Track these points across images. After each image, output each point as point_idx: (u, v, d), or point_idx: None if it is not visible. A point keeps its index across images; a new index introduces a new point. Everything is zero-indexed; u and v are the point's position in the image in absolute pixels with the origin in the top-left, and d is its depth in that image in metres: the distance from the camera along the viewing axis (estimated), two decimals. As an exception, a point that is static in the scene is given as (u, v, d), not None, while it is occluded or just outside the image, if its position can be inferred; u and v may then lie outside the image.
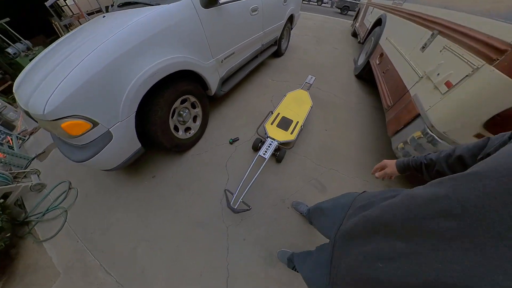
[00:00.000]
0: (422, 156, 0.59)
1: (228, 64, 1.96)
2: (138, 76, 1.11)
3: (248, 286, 1.15)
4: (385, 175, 0.69)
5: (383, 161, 0.72)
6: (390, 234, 0.34)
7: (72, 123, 0.96)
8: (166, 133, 1.43)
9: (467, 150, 0.45)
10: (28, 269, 1.26)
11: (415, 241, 0.29)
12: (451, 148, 0.51)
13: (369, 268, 0.35)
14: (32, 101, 0.96)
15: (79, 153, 1.11)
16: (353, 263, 0.40)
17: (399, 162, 0.65)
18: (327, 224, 0.68)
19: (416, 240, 0.29)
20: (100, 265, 1.24)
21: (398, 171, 0.65)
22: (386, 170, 0.68)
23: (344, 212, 0.58)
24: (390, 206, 0.37)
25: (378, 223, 0.38)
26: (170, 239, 1.32)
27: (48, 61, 1.18)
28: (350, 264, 0.42)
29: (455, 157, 0.47)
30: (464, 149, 0.46)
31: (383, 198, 0.46)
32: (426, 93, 1.24)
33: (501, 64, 0.82)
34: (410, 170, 0.62)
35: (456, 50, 1.09)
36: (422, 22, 1.60)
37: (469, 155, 0.45)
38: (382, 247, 0.34)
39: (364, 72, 2.85)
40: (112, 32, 1.05)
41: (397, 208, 0.34)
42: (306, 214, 1.26)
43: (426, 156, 0.57)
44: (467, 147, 0.46)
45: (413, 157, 0.61)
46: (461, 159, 0.46)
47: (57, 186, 1.67)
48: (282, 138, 1.64)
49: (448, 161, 0.49)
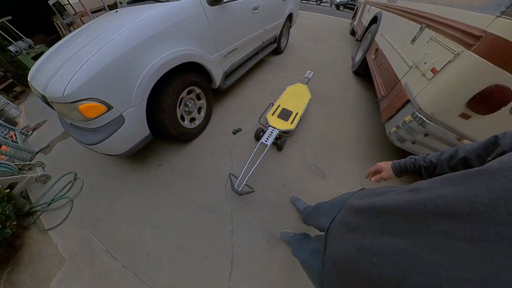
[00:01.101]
0: (420, 157, 0.55)
1: (231, 59, 2.10)
2: (152, 64, 1.23)
3: (252, 266, 1.21)
4: (381, 179, 0.65)
5: (377, 164, 0.67)
6: (389, 229, 0.32)
7: (89, 105, 1.05)
8: (173, 121, 1.55)
9: (472, 150, 0.42)
10: (33, 258, 1.29)
11: (415, 240, 0.27)
12: (453, 149, 0.47)
13: (362, 262, 0.35)
14: (51, 85, 1.04)
15: (92, 136, 1.19)
16: (346, 254, 0.40)
17: (395, 165, 0.61)
18: (324, 219, 0.65)
19: (416, 239, 0.27)
20: (106, 250, 1.28)
21: (395, 175, 0.61)
22: (383, 175, 0.64)
23: (340, 206, 0.57)
24: (391, 200, 0.34)
25: (376, 217, 0.37)
26: (175, 224, 1.39)
27: (64, 51, 1.28)
28: (343, 254, 0.41)
29: (459, 159, 0.44)
30: (468, 150, 0.43)
31: (383, 193, 0.44)
32: (415, 80, 1.37)
33: (477, 48, 0.94)
34: (407, 173, 0.58)
35: (440, 40, 1.22)
36: (413, 17, 1.75)
37: (474, 156, 0.41)
38: (379, 243, 0.33)
39: (361, 68, 2.99)
40: (128, 24, 1.17)
41: (399, 203, 0.32)
42: (302, 211, 1.31)
43: (425, 158, 0.53)
44: (472, 147, 0.43)
45: (410, 158, 0.58)
46: (466, 161, 0.43)
47: (63, 177, 1.73)
48: (282, 127, 1.76)
49: (451, 163, 0.46)
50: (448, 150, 0.49)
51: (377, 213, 0.37)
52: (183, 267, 1.21)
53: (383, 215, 0.35)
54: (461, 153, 0.44)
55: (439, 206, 0.25)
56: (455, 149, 0.46)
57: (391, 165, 0.62)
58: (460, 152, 0.44)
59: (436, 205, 0.26)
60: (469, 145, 0.44)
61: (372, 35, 2.77)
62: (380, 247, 0.32)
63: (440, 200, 0.26)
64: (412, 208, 0.29)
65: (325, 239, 0.53)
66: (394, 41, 1.99)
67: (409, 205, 0.30)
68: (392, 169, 0.61)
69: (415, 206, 0.29)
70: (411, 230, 0.28)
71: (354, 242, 0.39)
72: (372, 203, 0.39)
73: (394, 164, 0.62)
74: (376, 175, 0.67)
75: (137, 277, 1.18)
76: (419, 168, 0.54)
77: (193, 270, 1.20)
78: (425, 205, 0.27)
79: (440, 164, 0.48)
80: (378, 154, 1.91)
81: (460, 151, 0.45)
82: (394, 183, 1.67)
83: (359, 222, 0.41)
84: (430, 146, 1.27)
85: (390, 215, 0.33)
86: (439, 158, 0.49)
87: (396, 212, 0.32)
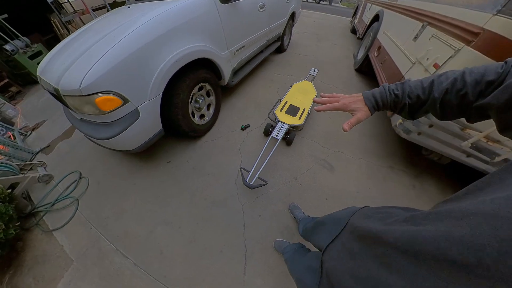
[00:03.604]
0: (398, 88, 0.47)
1: (239, 56, 2.21)
2: (168, 59, 1.31)
3: (265, 259, 1.25)
4: (358, 123, 0.49)
5: (337, 97, 0.53)
6: (388, 263, 0.30)
7: (106, 98, 1.07)
8: (185, 116, 1.63)
9: (473, 85, 0.36)
10: (37, 260, 1.27)
11: (413, 282, 0.26)
12: (446, 81, 0.40)
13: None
14: (66, 78, 1.06)
15: (106, 131, 1.21)
16: (342, 283, 0.39)
17: (371, 102, 0.49)
18: (323, 237, 0.61)
19: (413, 281, 0.26)
20: (116, 249, 1.29)
21: (371, 113, 0.50)
22: (360, 117, 0.49)
23: (341, 226, 0.54)
24: (392, 233, 0.32)
25: (376, 247, 0.34)
26: (187, 220, 1.42)
27: (76, 45, 1.31)
28: (338, 283, 0.41)
29: (458, 96, 0.38)
30: (469, 84, 0.36)
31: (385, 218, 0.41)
32: (418, 75, 1.49)
33: (476, 44, 1.06)
34: (385, 109, 0.50)
35: (441, 37, 1.35)
36: (415, 15, 1.89)
37: (475, 93, 0.36)
38: (375, 276, 0.32)
39: (363, 65, 3.14)
40: (144, 19, 1.24)
41: (399, 238, 0.30)
42: (300, 221, 1.26)
43: (410, 93, 0.45)
44: (472, 80, 0.36)
45: (389, 92, 0.48)
46: (465, 98, 0.37)
47: (67, 176, 1.73)
48: (291, 122, 1.86)
49: (445, 99, 0.40)
50: (439, 80, 0.41)
51: (378, 243, 0.34)
52: (197, 262, 1.24)
53: (384, 246, 0.32)
54: (458, 85, 0.37)
55: (442, 250, 0.23)
56: (450, 82, 0.39)
57: (364, 101, 0.50)
58: (458, 85, 0.37)
59: (439, 249, 0.23)
60: (468, 73, 0.37)
61: (374, 33, 2.92)
62: (375, 283, 0.31)
63: (444, 244, 0.23)
64: (413, 247, 0.27)
65: (322, 259, 0.51)
66: (397, 38, 2.13)
67: (410, 243, 0.27)
68: (368, 107, 0.49)
69: (417, 245, 0.26)
70: (409, 269, 0.27)
71: (351, 271, 0.38)
72: (373, 232, 0.36)
73: (369, 101, 0.49)
74: (350, 120, 0.49)
75: (150, 275, 1.19)
76: (403, 106, 0.47)
77: (208, 265, 1.23)
78: (427, 248, 0.24)
79: (432, 101, 0.41)
80: (382, 148, 2.03)
81: (457, 84, 0.37)
82: (396, 185, 1.77)
83: (358, 249, 0.39)
84: (435, 136, 1.38)
85: (391, 248, 0.30)
86: (430, 93, 0.42)
87: (395, 247, 0.30)
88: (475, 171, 1.42)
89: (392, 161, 1.92)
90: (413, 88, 0.45)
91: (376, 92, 0.50)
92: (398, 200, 1.63)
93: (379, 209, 0.49)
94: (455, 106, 0.39)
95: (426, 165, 1.88)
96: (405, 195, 1.67)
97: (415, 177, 1.81)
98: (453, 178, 1.82)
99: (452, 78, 0.39)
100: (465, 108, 0.39)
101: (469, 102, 0.37)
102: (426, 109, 0.44)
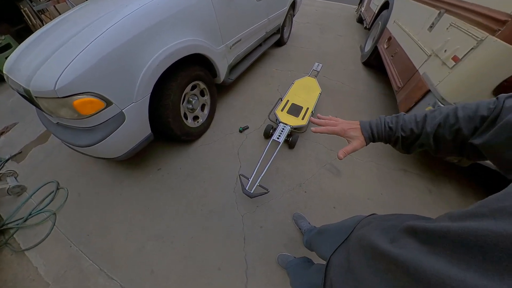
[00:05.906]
0: (393, 121, 0.50)
1: (236, 50, 2.14)
2: (156, 55, 1.24)
3: (268, 276, 1.20)
4: (353, 151, 0.53)
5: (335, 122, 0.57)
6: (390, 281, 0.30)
7: (85, 100, 1.00)
8: (177, 119, 1.57)
9: (467, 120, 0.39)
10: (6, 285, 1.18)
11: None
12: (439, 116, 0.43)
13: None
14: (38, 77, 0.98)
15: (86, 137, 1.14)
16: None
17: (368, 133, 0.52)
18: (327, 248, 0.61)
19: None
20: (100, 269, 1.23)
21: (366, 143, 0.54)
22: (355, 146, 0.52)
23: (345, 236, 0.54)
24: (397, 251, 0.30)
25: (379, 261, 0.34)
26: (181, 234, 1.36)
27: (50, 39, 1.23)
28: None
29: (452, 131, 0.41)
30: (462, 119, 0.39)
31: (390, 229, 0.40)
32: (435, 69, 1.43)
33: (503, 33, 1.00)
34: (380, 141, 0.54)
35: (461, 26, 1.28)
36: (430, 2, 1.82)
37: (469, 128, 0.38)
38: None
39: (372, 58, 3.08)
40: (128, 9, 1.16)
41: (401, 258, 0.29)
42: (304, 232, 1.26)
43: (404, 126, 0.48)
44: (465, 115, 0.39)
45: (385, 125, 0.51)
46: (459, 133, 0.40)
47: (42, 187, 1.61)
48: (294, 123, 1.80)
49: (438, 133, 0.43)
50: (432, 116, 0.45)
51: (381, 257, 0.34)
52: (193, 282, 1.19)
53: (386, 262, 0.32)
54: (451, 120, 0.40)
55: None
56: (442, 117, 0.42)
57: (361, 131, 0.53)
58: (450, 120, 0.40)
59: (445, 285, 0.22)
60: (460, 110, 0.40)
61: (383, 22, 2.85)
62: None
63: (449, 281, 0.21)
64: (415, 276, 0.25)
65: (325, 273, 0.51)
66: (410, 28, 2.06)
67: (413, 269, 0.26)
68: (364, 137, 0.52)
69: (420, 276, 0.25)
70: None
71: (354, 284, 0.38)
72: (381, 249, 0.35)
73: (365, 131, 0.53)
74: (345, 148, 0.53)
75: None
76: (396, 139, 0.50)
77: (205, 285, 1.18)
78: (430, 283, 0.24)
79: (426, 135, 0.44)
80: (393, 149, 1.97)
81: (449, 119, 0.41)
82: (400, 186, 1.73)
83: (360, 262, 0.39)
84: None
85: (395, 265, 0.30)
86: (423, 127, 0.45)
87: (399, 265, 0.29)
88: (498, 174, 1.37)
89: (405, 163, 1.87)
90: (407, 121, 0.49)
91: (373, 123, 0.53)
92: (413, 206, 1.58)
93: (386, 218, 0.49)
94: (450, 142, 0.42)
95: (443, 167, 1.83)
96: (420, 200, 1.62)
97: (430, 180, 1.76)
98: (475, 181, 1.76)
99: (445, 113, 0.43)
100: (461, 144, 0.41)
101: (464, 138, 0.40)
102: (421, 143, 0.47)
